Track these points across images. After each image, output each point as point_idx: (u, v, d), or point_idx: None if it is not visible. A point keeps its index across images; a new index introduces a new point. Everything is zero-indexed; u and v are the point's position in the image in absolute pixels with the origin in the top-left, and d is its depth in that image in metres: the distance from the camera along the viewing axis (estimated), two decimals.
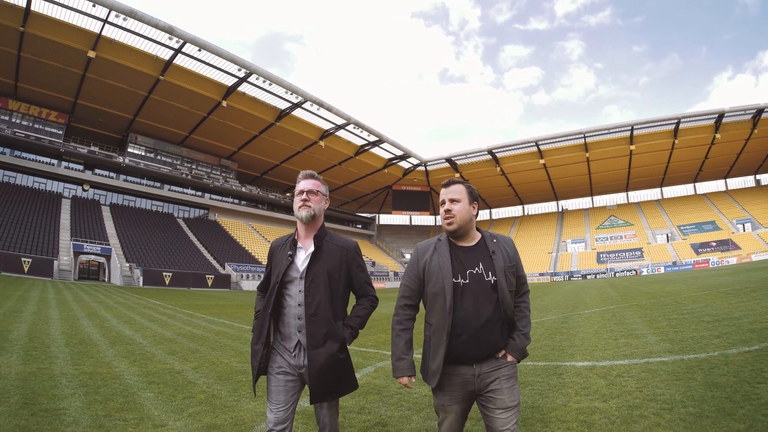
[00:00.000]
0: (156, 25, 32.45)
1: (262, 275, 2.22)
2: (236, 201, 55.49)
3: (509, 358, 2.07)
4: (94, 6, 30.14)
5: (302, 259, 2.27)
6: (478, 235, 2.20)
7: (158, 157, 49.19)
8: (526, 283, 2.23)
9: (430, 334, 2.13)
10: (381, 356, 6.73)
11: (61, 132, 41.70)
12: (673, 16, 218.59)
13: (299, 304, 2.21)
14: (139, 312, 13.55)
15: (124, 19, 31.62)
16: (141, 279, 32.44)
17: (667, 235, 56.26)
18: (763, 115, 47.01)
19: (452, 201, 2.13)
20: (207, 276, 36.62)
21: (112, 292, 22.91)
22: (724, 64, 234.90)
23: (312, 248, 2.28)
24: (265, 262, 41.62)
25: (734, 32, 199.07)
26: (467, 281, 2.06)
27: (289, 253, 2.28)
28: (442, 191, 2.19)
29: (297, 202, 2.31)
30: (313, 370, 2.14)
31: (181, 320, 11.87)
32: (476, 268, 2.08)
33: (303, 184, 2.33)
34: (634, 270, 49.47)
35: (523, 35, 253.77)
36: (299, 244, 2.33)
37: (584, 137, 53.36)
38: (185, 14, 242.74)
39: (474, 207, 2.17)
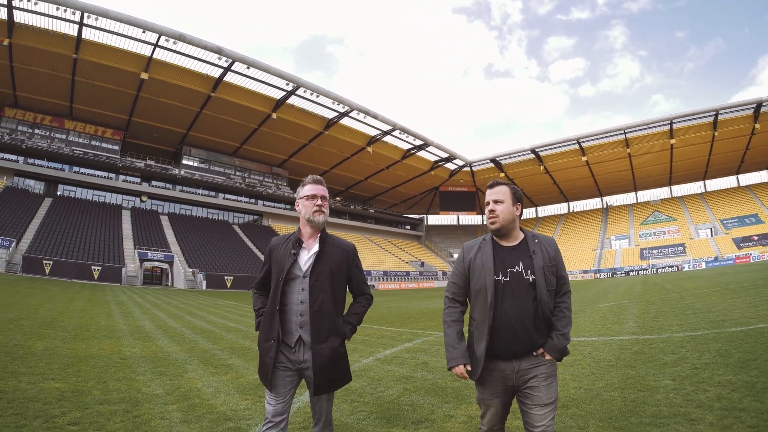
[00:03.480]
0: (205, 47, 34.52)
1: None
2: (288, 207, 57.71)
3: (547, 356, 2.15)
4: (144, 32, 32.43)
5: (305, 259, 2.37)
6: (521, 235, 2.28)
7: (212, 168, 52.08)
8: (567, 283, 2.29)
9: (473, 329, 2.24)
10: (426, 334, 9.53)
11: (117, 147, 44.86)
12: None
13: (302, 302, 2.30)
14: (226, 310, 16.04)
15: (174, 43, 33.86)
16: (204, 283, 34.67)
17: (711, 229, 55.13)
18: None
19: (496, 202, 2.23)
20: None
21: (184, 295, 25.64)
22: (767, 46, 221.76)
23: (316, 248, 2.38)
24: None
25: None
26: (508, 279, 2.15)
27: (293, 251, 2.37)
28: (487, 192, 2.30)
29: (311, 207, 2.42)
30: (317, 364, 2.24)
31: None
32: (516, 267, 2.17)
33: (316, 189, 2.47)
34: (676, 266, 48.78)
35: (566, 26, 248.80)
36: (303, 244, 2.42)
37: (624, 133, 53.38)
38: (230, 26, 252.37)
39: (517, 208, 2.25)
